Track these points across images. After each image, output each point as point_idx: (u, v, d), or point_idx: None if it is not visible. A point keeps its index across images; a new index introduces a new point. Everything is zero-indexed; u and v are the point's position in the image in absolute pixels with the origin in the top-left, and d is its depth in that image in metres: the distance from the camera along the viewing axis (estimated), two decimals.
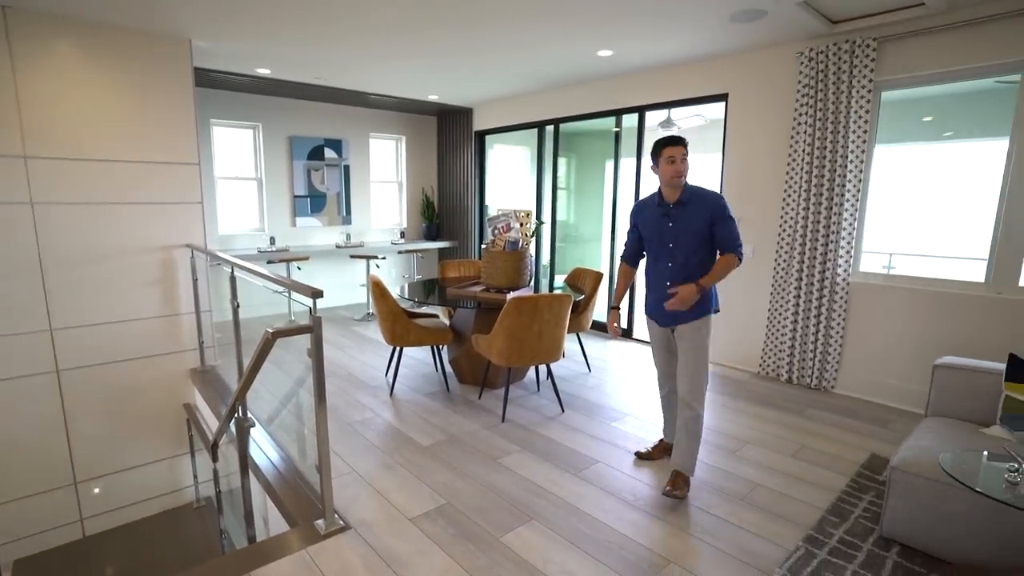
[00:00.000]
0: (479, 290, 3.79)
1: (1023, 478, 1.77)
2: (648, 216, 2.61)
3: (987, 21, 3.19)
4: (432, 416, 3.42)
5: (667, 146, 2.46)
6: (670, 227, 2.52)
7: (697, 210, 2.49)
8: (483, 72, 5.05)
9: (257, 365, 2.19)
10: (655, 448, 2.94)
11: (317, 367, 2.06)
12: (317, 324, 2.02)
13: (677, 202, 2.50)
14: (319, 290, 2.01)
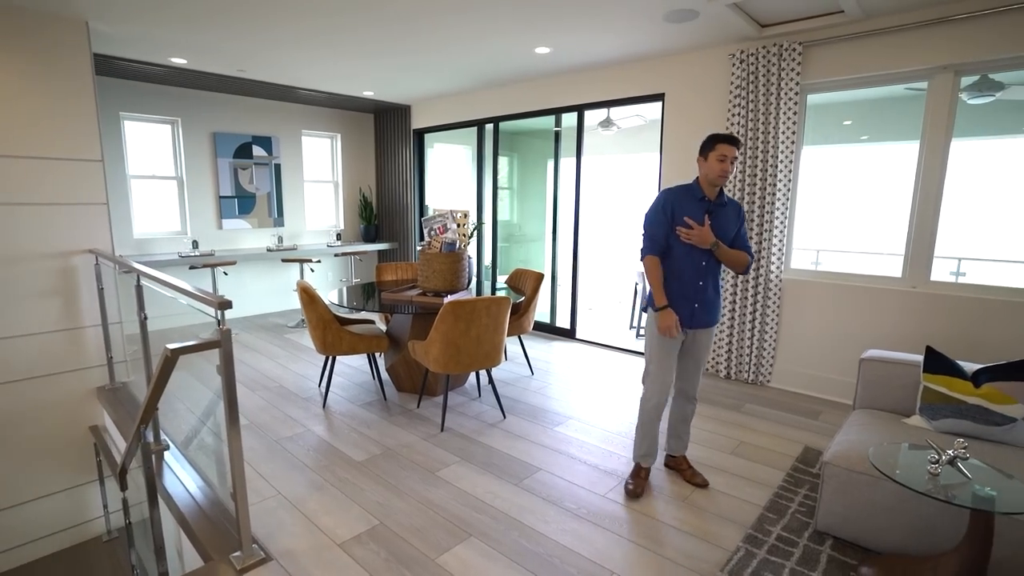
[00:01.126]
0: (415, 294, 3.64)
1: (943, 468, 1.82)
2: (688, 208, 2.42)
3: (899, 30, 3.34)
4: (367, 428, 3.24)
5: (723, 142, 2.34)
6: (709, 224, 2.41)
7: (731, 213, 2.49)
8: (419, 69, 4.89)
9: (159, 386, 1.97)
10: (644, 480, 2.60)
11: (227, 385, 1.86)
12: (225, 338, 1.82)
13: (719, 202, 2.45)
14: (226, 300, 1.81)
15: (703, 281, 2.45)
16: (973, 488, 1.74)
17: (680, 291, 2.45)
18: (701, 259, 2.43)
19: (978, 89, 3.42)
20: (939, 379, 2.38)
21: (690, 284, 2.45)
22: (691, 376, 2.60)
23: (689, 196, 2.44)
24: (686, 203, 2.42)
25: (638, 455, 2.62)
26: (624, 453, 2.98)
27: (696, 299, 2.45)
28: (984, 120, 3.53)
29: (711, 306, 2.50)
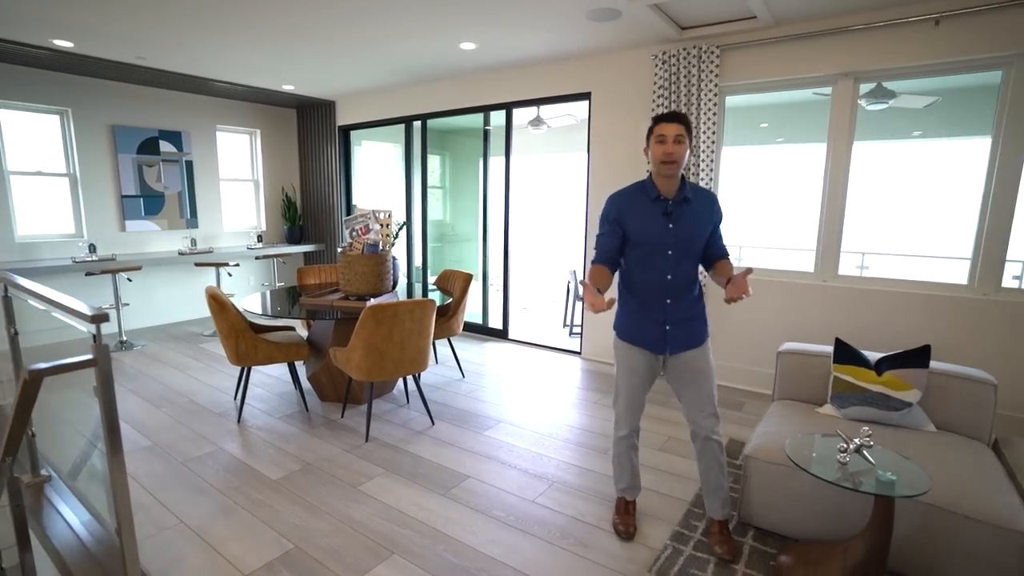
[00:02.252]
0: (337, 298, 3.46)
1: (851, 457, 1.89)
2: (640, 214, 2.02)
3: (806, 38, 3.50)
4: (286, 443, 3.04)
5: (660, 122, 1.97)
6: (670, 229, 2.00)
7: (701, 210, 2.04)
8: (342, 63, 4.67)
9: (23, 412, 1.72)
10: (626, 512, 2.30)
11: (107, 409, 1.65)
12: (102, 356, 1.61)
13: (679, 198, 2.02)
14: (103, 313, 1.60)
15: (670, 298, 2.04)
16: (876, 474, 1.81)
17: (644, 312, 2.08)
18: (666, 272, 2.03)
19: (874, 96, 3.65)
20: (847, 369, 2.50)
21: (655, 304, 2.05)
22: (695, 410, 2.10)
23: (641, 197, 2.04)
24: (637, 206, 2.03)
25: (618, 488, 2.31)
26: (554, 455, 2.95)
27: (666, 320, 2.04)
28: (880, 125, 3.76)
29: (689, 324, 2.08)
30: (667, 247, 2.01)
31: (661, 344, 2.08)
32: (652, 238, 2.02)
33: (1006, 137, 3.12)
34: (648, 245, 2.02)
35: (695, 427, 2.12)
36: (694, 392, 2.10)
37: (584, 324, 4.80)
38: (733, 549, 2.10)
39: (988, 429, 2.36)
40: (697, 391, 2.09)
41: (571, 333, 5.63)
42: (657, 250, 2.02)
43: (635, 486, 2.30)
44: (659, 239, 2.01)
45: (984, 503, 1.87)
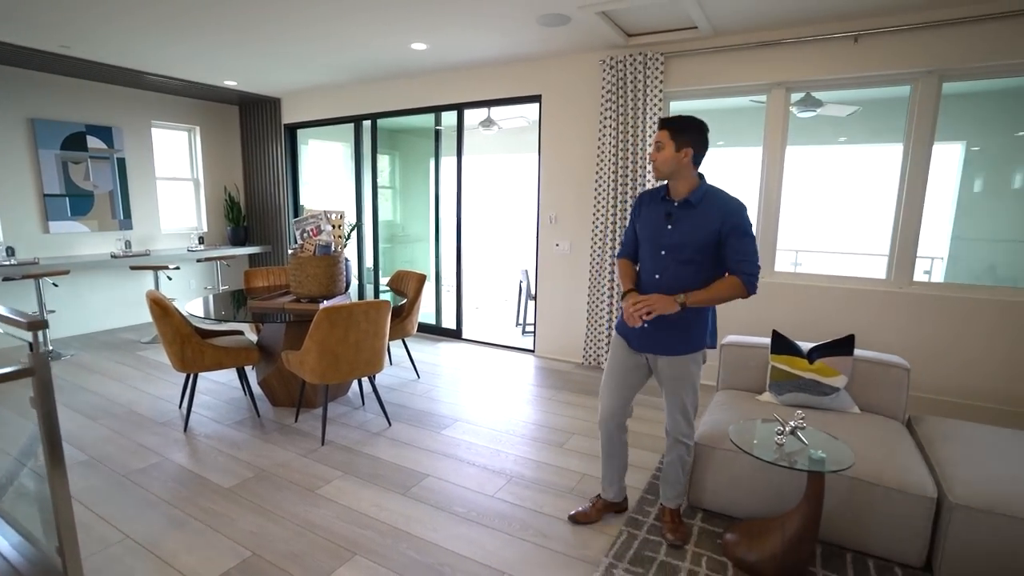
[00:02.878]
0: (288, 301, 3.39)
1: (787, 438, 2.05)
2: (649, 211, 2.10)
3: (743, 49, 3.72)
4: (237, 450, 2.96)
5: (659, 129, 2.05)
6: (668, 230, 2.02)
7: (707, 216, 1.98)
8: (289, 59, 4.56)
9: None
10: (593, 508, 2.35)
11: (47, 421, 1.58)
12: (41, 364, 1.54)
13: (684, 202, 2.02)
14: (40, 319, 1.53)
15: None
16: (809, 453, 1.97)
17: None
18: (654, 272, 2.06)
19: (804, 104, 3.92)
20: (783, 359, 2.69)
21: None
22: (669, 412, 2.18)
23: (656, 195, 2.11)
24: (650, 204, 2.11)
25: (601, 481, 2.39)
26: (511, 451, 3.01)
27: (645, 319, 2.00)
28: (810, 131, 4.05)
29: (667, 331, 2.05)
30: (661, 247, 2.04)
31: (639, 341, 2.13)
32: (650, 236, 2.08)
33: (914, 145, 3.44)
34: (647, 242, 2.09)
35: (669, 427, 2.21)
36: (669, 398, 2.16)
37: (537, 323, 4.89)
38: (684, 535, 2.21)
39: (903, 409, 2.60)
40: (672, 397, 2.15)
41: (524, 332, 5.72)
42: (652, 249, 2.07)
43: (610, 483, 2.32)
44: (655, 238, 2.06)
45: (900, 475, 2.07)
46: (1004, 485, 1.96)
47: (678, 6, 3.27)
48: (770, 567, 1.99)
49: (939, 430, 2.47)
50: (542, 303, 4.82)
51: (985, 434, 2.40)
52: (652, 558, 2.10)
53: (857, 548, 2.15)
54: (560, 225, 4.63)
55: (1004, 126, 3.51)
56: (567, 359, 4.73)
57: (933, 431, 2.47)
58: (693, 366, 2.11)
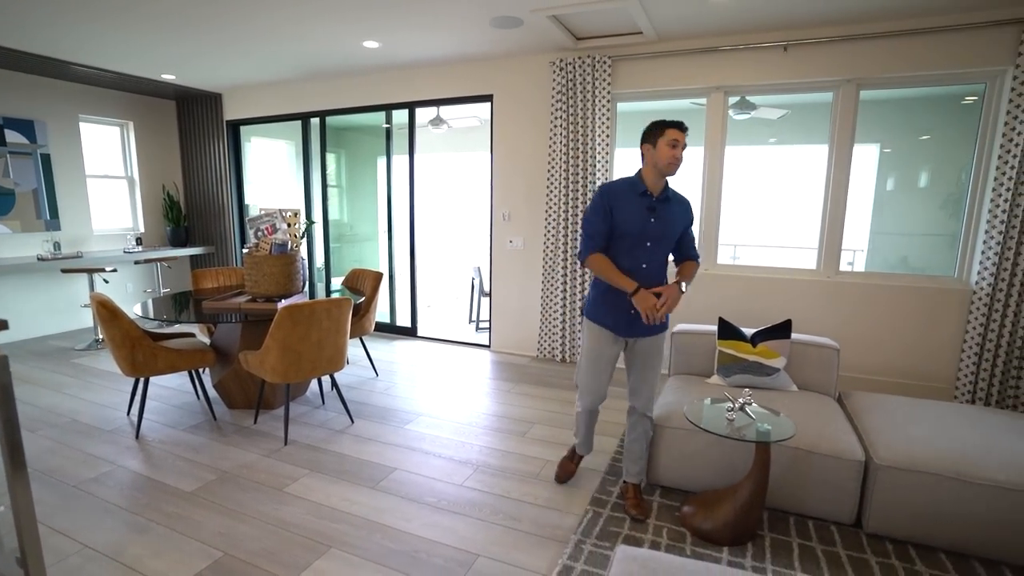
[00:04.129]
0: (244, 300, 3.32)
1: (736, 414, 2.23)
2: (628, 205, 2.20)
3: (685, 54, 3.95)
4: (196, 454, 2.88)
5: (671, 127, 2.14)
6: (652, 223, 2.19)
7: (678, 211, 2.27)
8: (233, 53, 4.42)
9: None
10: (572, 463, 2.66)
11: (7, 425, 1.52)
12: (1, 367, 1.48)
13: (664, 197, 2.23)
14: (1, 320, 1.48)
15: (644, 286, 2.19)
16: (756, 426, 2.16)
17: (615, 300, 2.25)
18: (642, 261, 2.22)
19: (740, 107, 4.20)
20: (729, 343, 2.90)
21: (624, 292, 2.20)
22: (639, 390, 2.36)
23: (630, 191, 2.21)
24: (626, 200, 2.21)
25: (576, 443, 2.64)
26: (476, 442, 3.08)
27: (632, 306, 2.20)
28: (746, 132, 4.34)
29: None
30: (647, 239, 2.21)
31: (627, 328, 2.28)
32: (635, 229, 2.20)
33: (837, 147, 3.77)
34: (631, 235, 2.20)
35: (635, 403, 2.39)
36: (643, 373, 2.35)
37: (492, 318, 4.98)
38: (646, 510, 2.37)
39: (834, 386, 2.87)
40: (645, 373, 2.34)
41: (478, 328, 5.79)
42: (638, 240, 2.21)
43: (586, 445, 2.63)
44: (641, 231, 2.20)
45: (833, 443, 2.30)
46: (920, 447, 2.22)
47: (625, 12, 3.44)
48: (724, 533, 2.16)
49: (865, 403, 2.74)
50: (497, 299, 4.91)
51: (902, 404, 2.69)
52: (617, 533, 2.23)
53: (798, 511, 2.37)
54: (513, 222, 4.74)
55: (911, 131, 3.90)
56: (523, 353, 4.85)
57: (860, 404, 2.74)
58: (663, 341, 2.37)
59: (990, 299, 3.46)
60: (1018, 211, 3.32)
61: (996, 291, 3.43)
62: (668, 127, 2.17)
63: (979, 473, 2.09)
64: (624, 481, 2.48)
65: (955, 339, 3.64)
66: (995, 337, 3.47)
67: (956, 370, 3.66)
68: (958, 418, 2.50)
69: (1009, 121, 3.31)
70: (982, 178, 3.54)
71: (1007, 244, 3.37)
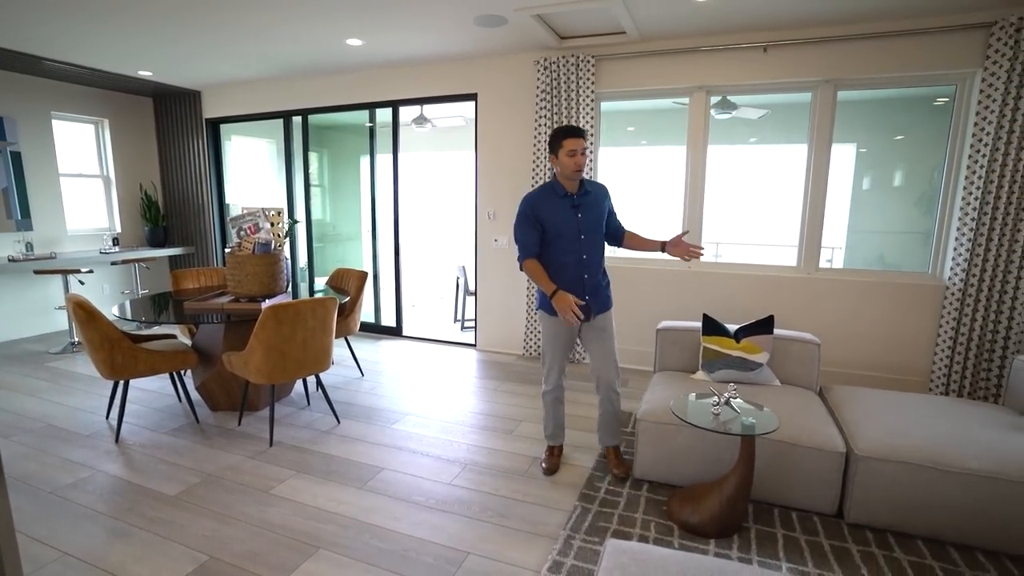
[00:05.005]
0: (227, 301, 3.27)
1: (722, 409, 2.27)
2: (552, 209, 2.43)
3: (668, 54, 3.99)
4: (179, 456, 2.83)
5: (568, 137, 2.35)
6: (579, 218, 2.44)
7: (598, 198, 2.51)
8: (214, 51, 4.35)
9: None
10: (554, 457, 2.78)
11: None
12: None
13: (583, 192, 2.47)
14: None
15: (587, 274, 2.49)
16: (741, 420, 2.20)
17: (567, 289, 2.43)
18: (581, 252, 2.47)
19: (721, 107, 4.26)
20: (713, 339, 2.94)
21: (574, 280, 2.46)
22: (602, 365, 2.61)
23: (551, 196, 2.45)
24: (549, 204, 2.43)
25: (546, 436, 2.81)
26: (463, 440, 3.08)
27: (585, 292, 2.48)
28: (728, 132, 4.40)
29: (600, 293, 2.54)
30: (580, 232, 2.44)
31: (583, 312, 2.47)
32: (567, 228, 2.44)
33: (816, 146, 3.85)
34: (565, 234, 2.44)
35: (600, 378, 2.64)
36: (602, 348, 2.59)
37: (478, 317, 4.97)
38: (626, 469, 2.65)
39: (815, 380, 2.93)
40: (604, 347, 2.59)
41: (463, 327, 5.79)
42: (573, 237, 2.44)
43: (558, 435, 2.78)
44: (573, 227, 2.44)
45: (815, 435, 2.35)
46: (898, 438, 2.28)
47: (608, 12, 3.46)
48: (711, 526, 2.20)
49: (844, 397, 2.80)
50: (482, 298, 4.91)
51: (880, 397, 2.75)
52: (606, 528, 2.25)
53: (782, 503, 2.42)
54: (498, 221, 4.74)
55: (886, 131, 3.99)
56: (508, 351, 4.86)
57: (840, 398, 2.80)
58: (611, 316, 2.62)
59: (962, 294, 3.56)
60: (987, 208, 3.42)
61: (968, 286, 3.54)
62: (565, 137, 2.36)
63: (954, 462, 2.15)
64: (604, 446, 2.78)
65: (929, 333, 3.74)
66: (967, 331, 3.58)
67: (931, 363, 3.76)
68: (933, 409, 2.58)
69: (979, 122, 3.41)
70: (953, 177, 3.65)
71: (977, 240, 3.48)
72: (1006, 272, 3.46)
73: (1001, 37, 3.29)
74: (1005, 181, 3.37)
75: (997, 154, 3.36)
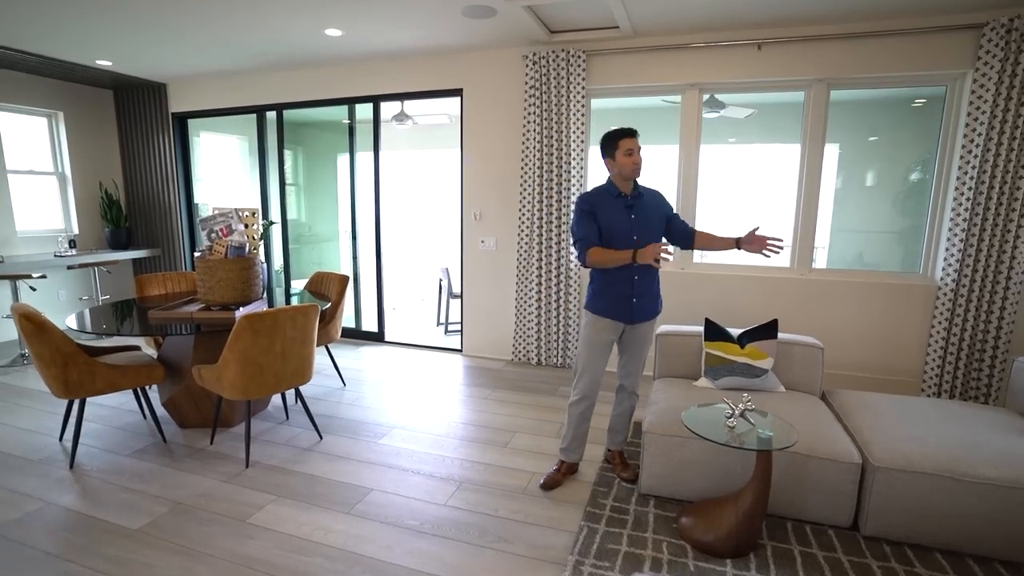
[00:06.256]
0: (197, 309, 3.02)
1: (738, 422, 2.15)
2: (607, 208, 2.43)
3: (661, 50, 3.88)
4: (144, 483, 2.58)
5: (624, 137, 2.36)
6: (633, 219, 2.42)
7: (652, 203, 2.49)
8: (179, 39, 4.07)
9: None
10: (559, 473, 2.63)
11: None
12: None
13: (635, 195, 2.45)
14: None
15: (637, 275, 2.43)
16: (757, 433, 2.08)
17: (617, 290, 2.43)
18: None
19: (709, 106, 4.17)
20: (716, 345, 2.83)
21: (624, 280, 2.43)
22: (632, 371, 2.59)
23: (606, 195, 2.45)
24: (604, 202, 2.43)
25: (561, 448, 2.66)
26: (456, 455, 2.91)
27: (633, 293, 2.44)
28: (714, 131, 4.31)
29: (650, 298, 2.49)
30: (633, 233, 2.40)
31: (628, 314, 2.46)
32: (620, 227, 2.40)
33: (810, 146, 3.79)
34: (618, 234, 2.40)
35: (624, 382, 2.63)
36: (636, 355, 2.57)
37: (464, 321, 4.79)
38: (633, 473, 2.63)
39: (819, 385, 2.85)
40: (638, 355, 2.57)
41: (447, 331, 5.60)
42: (624, 237, 2.40)
43: (574, 449, 2.63)
44: (626, 227, 2.40)
45: (829, 446, 2.26)
46: (913, 446, 2.20)
47: (603, 4, 3.33)
48: (728, 545, 2.07)
49: (850, 401, 2.73)
50: (469, 301, 4.73)
51: (884, 402, 2.68)
52: (616, 551, 2.11)
53: (795, 516, 2.31)
54: (485, 222, 4.57)
55: (862, 132, 3.97)
56: (497, 357, 4.69)
57: (845, 403, 2.73)
58: (655, 325, 2.62)
59: (954, 294, 3.54)
60: (979, 209, 3.41)
61: (960, 287, 3.52)
62: (620, 138, 2.38)
63: (970, 471, 2.08)
64: (608, 449, 2.76)
65: (922, 334, 3.72)
66: (959, 331, 3.56)
67: (923, 364, 3.74)
68: (939, 414, 2.51)
69: (970, 123, 3.40)
70: (944, 177, 3.63)
71: (969, 241, 3.46)
72: (996, 272, 3.45)
73: (992, 38, 3.27)
74: (996, 182, 3.36)
75: (988, 155, 3.34)
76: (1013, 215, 3.37)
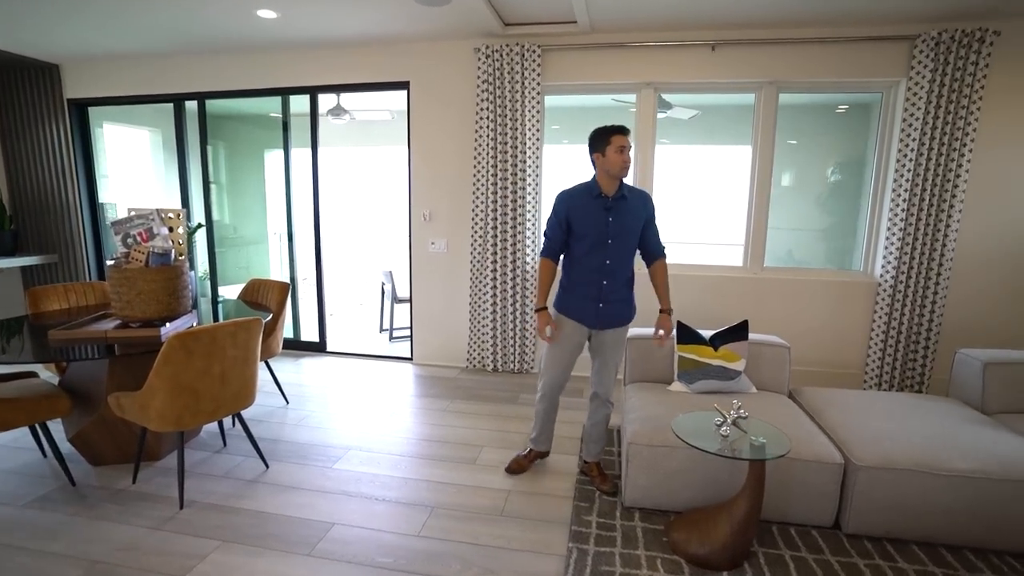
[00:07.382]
0: (112, 327, 2.59)
1: (730, 430, 2.08)
2: (583, 208, 2.34)
3: (618, 47, 3.82)
4: (49, 541, 2.15)
5: (617, 133, 2.28)
6: (610, 221, 2.32)
7: (636, 206, 2.38)
8: (74, 12, 3.52)
9: None
10: (526, 458, 2.70)
11: None
12: None
13: (617, 196, 2.33)
14: None
15: (607, 280, 2.37)
16: (750, 440, 2.02)
17: (584, 291, 2.39)
18: (604, 258, 2.36)
19: (657, 106, 4.17)
20: (689, 348, 2.78)
21: (593, 284, 2.37)
22: (604, 378, 2.52)
23: (586, 195, 2.35)
24: (582, 202, 2.35)
25: (531, 438, 2.71)
26: (422, 477, 2.68)
27: (600, 298, 2.37)
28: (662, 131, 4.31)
29: (620, 304, 2.42)
30: (608, 237, 2.33)
31: (593, 319, 2.41)
32: (594, 230, 2.33)
33: (760, 147, 3.87)
34: (590, 236, 2.33)
35: (598, 389, 2.55)
36: (607, 361, 2.49)
37: (413, 329, 4.53)
38: (613, 484, 2.54)
39: (786, 384, 2.87)
40: (610, 361, 2.49)
41: (392, 338, 5.30)
42: (599, 240, 2.33)
43: (544, 440, 2.68)
44: (600, 231, 2.33)
45: (810, 447, 2.25)
46: (889, 444, 2.23)
47: None
48: (723, 556, 2.00)
49: (816, 399, 2.76)
50: (418, 306, 4.47)
51: (849, 398, 2.74)
52: (610, 572, 1.98)
53: (779, 519, 2.29)
54: (435, 223, 4.33)
55: (786, 135, 4.12)
56: (451, 364, 4.47)
57: (812, 401, 2.76)
58: (627, 331, 2.53)
59: (893, 290, 3.73)
60: (914, 209, 3.60)
61: (897, 283, 3.71)
62: (614, 134, 2.30)
63: (944, 464, 2.13)
64: (585, 461, 2.65)
65: (863, 328, 3.89)
66: (897, 325, 3.75)
67: (865, 357, 3.91)
68: (901, 408, 2.59)
69: (905, 128, 3.58)
70: (882, 179, 3.81)
71: (906, 240, 3.65)
72: (929, 269, 3.66)
73: (923, 50, 3.45)
74: (928, 184, 3.56)
75: (922, 159, 3.53)
76: (943, 215, 3.58)
